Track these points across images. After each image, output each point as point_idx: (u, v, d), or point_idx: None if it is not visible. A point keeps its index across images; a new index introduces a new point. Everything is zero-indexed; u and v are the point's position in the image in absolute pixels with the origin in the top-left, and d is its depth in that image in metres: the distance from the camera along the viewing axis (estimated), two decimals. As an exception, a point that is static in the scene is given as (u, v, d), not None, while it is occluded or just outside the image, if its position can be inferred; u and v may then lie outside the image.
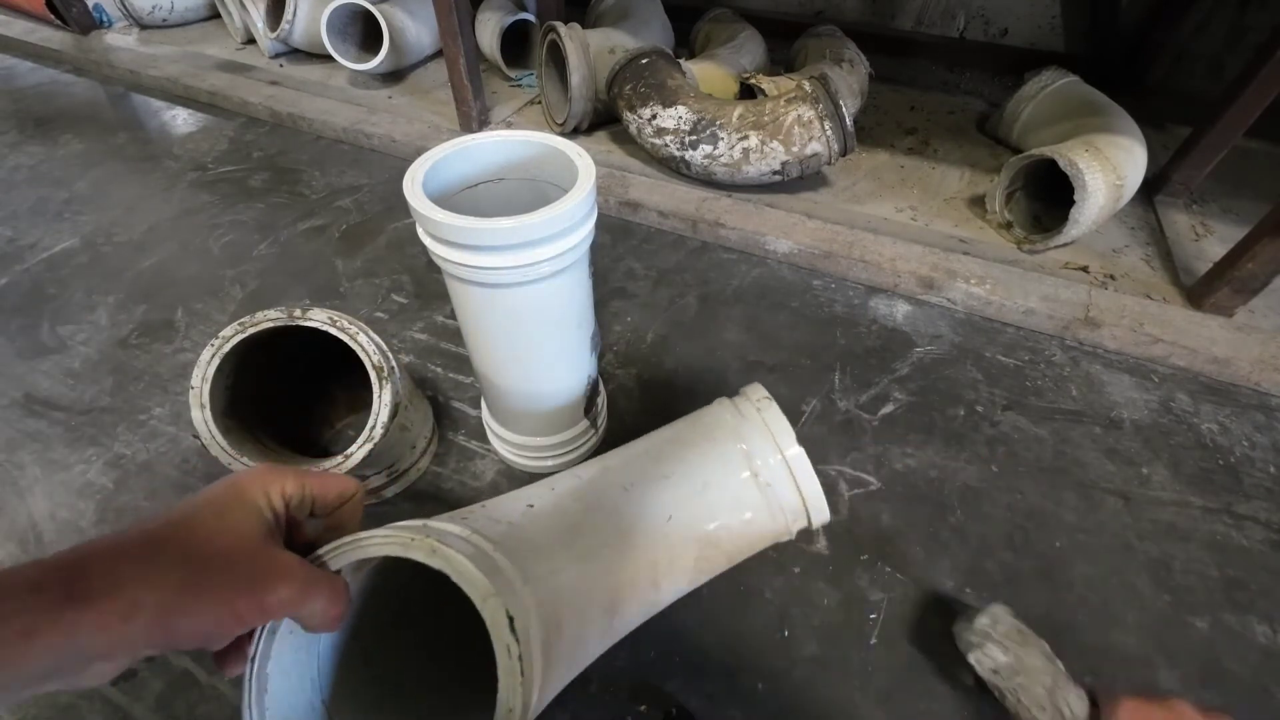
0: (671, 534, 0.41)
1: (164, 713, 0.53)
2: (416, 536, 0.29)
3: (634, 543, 0.40)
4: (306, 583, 0.27)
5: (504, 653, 0.28)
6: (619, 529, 0.40)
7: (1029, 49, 1.50)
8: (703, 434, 0.46)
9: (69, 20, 1.72)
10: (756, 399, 0.46)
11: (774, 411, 0.45)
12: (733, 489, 0.43)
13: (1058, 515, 0.69)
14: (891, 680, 0.56)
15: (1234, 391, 0.83)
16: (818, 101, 0.98)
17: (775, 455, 0.43)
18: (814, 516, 0.44)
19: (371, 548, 0.29)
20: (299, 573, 0.27)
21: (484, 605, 0.28)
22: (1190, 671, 0.57)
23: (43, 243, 1.06)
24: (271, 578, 0.26)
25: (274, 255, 1.03)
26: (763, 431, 0.44)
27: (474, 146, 0.52)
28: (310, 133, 1.37)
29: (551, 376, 0.60)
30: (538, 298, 0.50)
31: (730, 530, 0.43)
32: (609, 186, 1.12)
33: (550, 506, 0.41)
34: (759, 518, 0.43)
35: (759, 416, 0.45)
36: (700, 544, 0.42)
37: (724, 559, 0.44)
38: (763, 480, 0.43)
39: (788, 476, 0.43)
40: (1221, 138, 1.02)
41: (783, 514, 0.44)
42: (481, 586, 0.28)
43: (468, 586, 0.28)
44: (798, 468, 0.43)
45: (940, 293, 0.95)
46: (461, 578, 0.28)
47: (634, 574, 0.40)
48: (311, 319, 0.55)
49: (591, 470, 0.45)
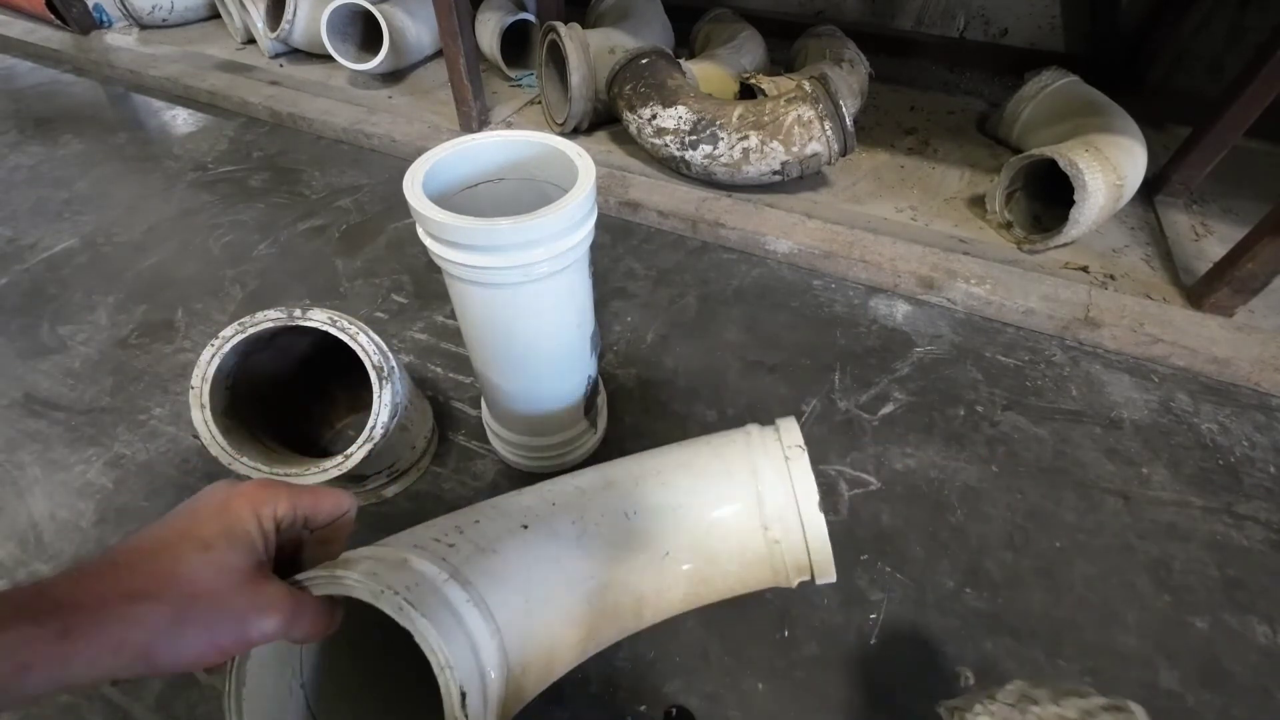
0: (666, 570, 0.40)
1: (164, 713, 0.53)
2: (386, 589, 0.30)
3: (624, 576, 0.39)
4: (292, 613, 0.27)
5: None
6: (611, 558, 0.39)
7: (1029, 49, 1.50)
8: (721, 468, 0.43)
9: (69, 20, 1.72)
10: (788, 445, 0.43)
11: (802, 466, 0.42)
12: (739, 537, 0.41)
13: (1058, 515, 0.69)
14: (891, 680, 0.56)
15: (1234, 391, 0.83)
16: (818, 101, 0.98)
17: (793, 516, 0.41)
18: (819, 579, 0.42)
19: (346, 587, 0.30)
20: (285, 605, 0.27)
21: (440, 674, 0.29)
22: (1190, 671, 0.57)
23: (43, 243, 1.06)
24: (256, 613, 0.26)
25: (274, 255, 1.03)
26: (785, 487, 0.41)
27: (474, 146, 0.52)
28: (310, 133, 1.37)
29: (551, 376, 0.60)
30: (538, 298, 0.50)
31: (726, 577, 0.42)
32: (609, 186, 1.12)
33: (544, 532, 0.40)
34: (759, 571, 0.42)
35: (785, 468, 0.42)
36: (692, 582, 0.41)
37: (714, 596, 0.43)
38: (771, 536, 0.41)
39: (800, 540, 0.41)
40: (1221, 138, 1.02)
41: (785, 570, 0.42)
42: (440, 656, 0.29)
43: (429, 654, 0.29)
44: (812, 532, 0.41)
45: (940, 293, 0.95)
46: (424, 643, 0.29)
47: (616, 604, 0.39)
48: (311, 319, 0.54)
49: (596, 484, 0.44)
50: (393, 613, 0.30)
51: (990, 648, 0.58)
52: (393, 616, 0.30)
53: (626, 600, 0.40)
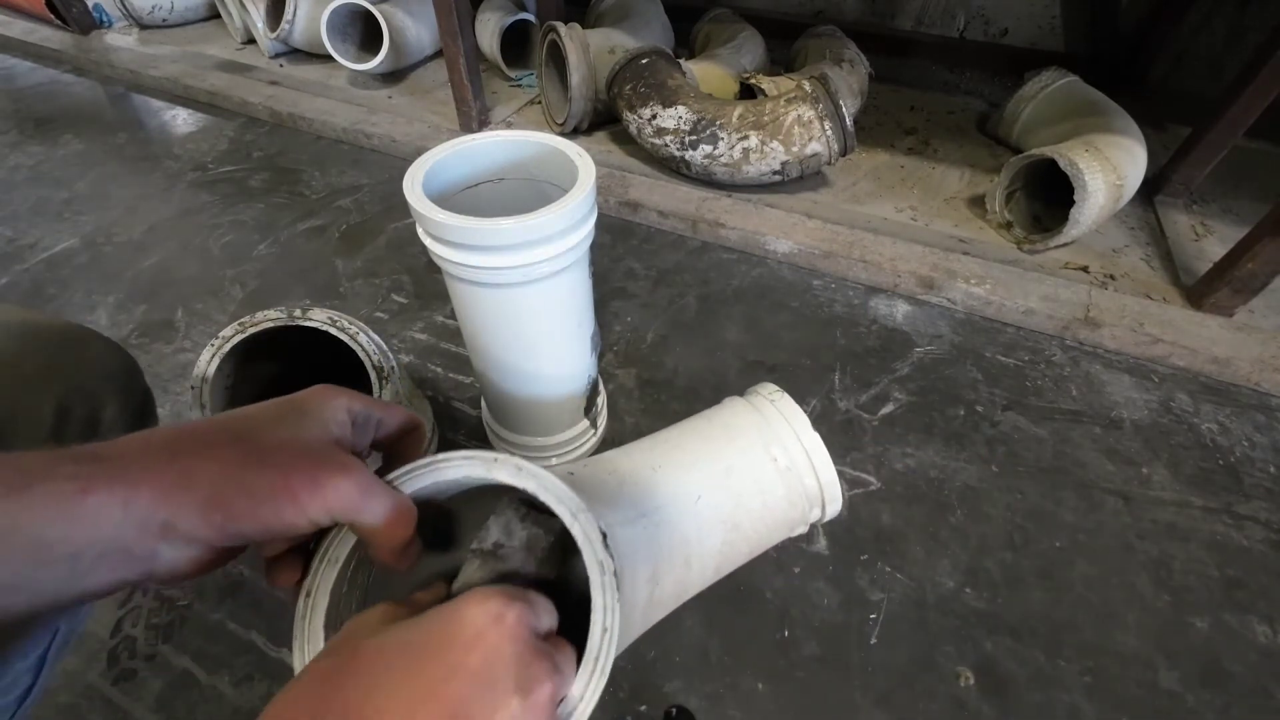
0: (702, 513, 0.42)
1: (164, 713, 0.53)
2: (500, 457, 0.28)
3: (669, 516, 0.41)
4: (370, 483, 0.25)
5: (597, 569, 0.27)
6: (654, 504, 0.41)
7: (1029, 49, 1.50)
8: (720, 425, 0.47)
9: (69, 20, 1.72)
10: (769, 393, 0.48)
11: (787, 401, 0.46)
12: (754, 473, 0.44)
13: (1058, 515, 0.69)
14: (891, 680, 0.56)
15: (1234, 391, 0.83)
16: (818, 101, 0.98)
17: (793, 441, 0.44)
18: (829, 505, 0.45)
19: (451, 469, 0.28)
20: (362, 473, 0.25)
21: (574, 521, 0.27)
22: (1190, 671, 0.57)
23: (43, 243, 1.06)
24: (333, 469, 0.24)
25: (274, 255, 1.03)
26: (779, 421, 0.45)
27: (474, 146, 0.52)
28: (310, 133, 1.37)
29: (551, 376, 0.60)
30: (538, 298, 0.51)
31: (752, 515, 0.44)
32: (609, 186, 1.12)
33: (589, 477, 0.41)
34: (779, 503, 0.44)
35: (774, 408, 0.46)
36: (726, 527, 0.43)
37: (745, 546, 0.45)
38: (782, 465, 0.44)
39: (806, 461, 0.44)
40: (1221, 138, 1.02)
41: (803, 499, 0.44)
42: (572, 502, 0.27)
43: (557, 503, 0.27)
44: (815, 453, 0.44)
45: (940, 293, 0.95)
46: (551, 494, 0.28)
47: (669, 548, 0.41)
48: (311, 319, 0.55)
49: (615, 454, 0.46)
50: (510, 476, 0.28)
51: (990, 648, 0.58)
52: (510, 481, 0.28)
53: (676, 543, 0.41)
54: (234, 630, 0.58)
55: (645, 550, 0.38)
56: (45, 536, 0.20)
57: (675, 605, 0.43)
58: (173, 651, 0.57)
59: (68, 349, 0.37)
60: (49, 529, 0.20)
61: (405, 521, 0.27)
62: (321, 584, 0.27)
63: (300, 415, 0.26)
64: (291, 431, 0.25)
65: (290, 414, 0.26)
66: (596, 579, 0.27)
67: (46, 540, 0.20)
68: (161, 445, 0.22)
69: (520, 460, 0.29)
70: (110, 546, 0.21)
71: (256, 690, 0.54)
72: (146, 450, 0.22)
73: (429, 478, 0.28)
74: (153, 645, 0.57)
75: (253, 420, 0.25)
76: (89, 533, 0.20)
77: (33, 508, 0.19)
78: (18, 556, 0.19)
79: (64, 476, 0.20)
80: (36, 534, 0.19)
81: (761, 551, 0.47)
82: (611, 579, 0.27)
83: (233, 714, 0.53)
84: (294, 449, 0.24)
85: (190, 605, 0.60)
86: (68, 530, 0.20)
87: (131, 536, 0.21)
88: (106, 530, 0.20)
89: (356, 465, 0.25)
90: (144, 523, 0.21)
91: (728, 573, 0.45)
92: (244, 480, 0.22)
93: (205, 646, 0.57)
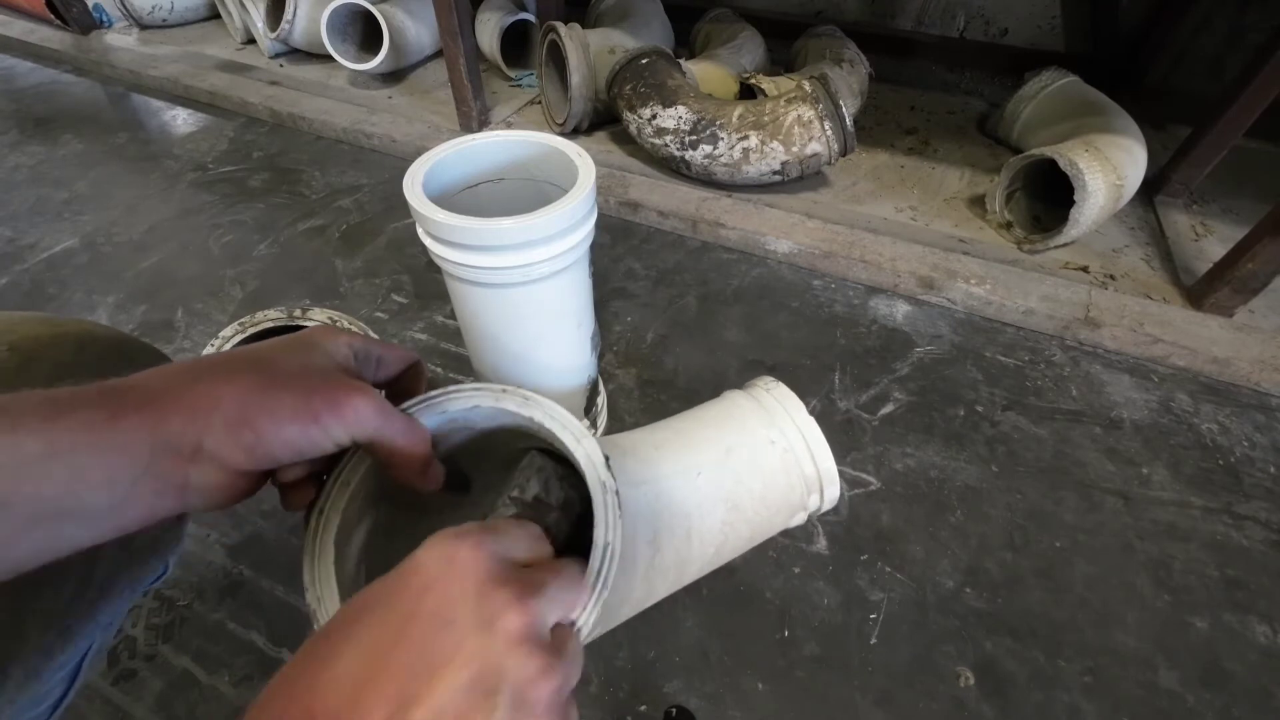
0: (702, 488, 0.43)
1: (164, 713, 0.53)
2: (509, 389, 0.29)
3: (670, 488, 0.41)
4: (385, 405, 0.26)
5: (599, 488, 0.27)
6: (656, 475, 0.41)
7: (1029, 49, 1.50)
8: (719, 412, 0.48)
9: (69, 20, 1.72)
10: (765, 385, 0.49)
11: (783, 390, 0.48)
12: (753, 453, 0.45)
13: (1058, 515, 0.69)
14: (891, 680, 0.56)
15: (1234, 391, 0.83)
16: (818, 101, 0.98)
17: (790, 425, 0.45)
18: (827, 489, 0.45)
19: (461, 399, 0.28)
20: (377, 395, 0.26)
21: (578, 446, 0.28)
22: (1190, 671, 0.57)
23: (43, 243, 1.06)
24: (349, 390, 0.25)
25: (274, 255, 1.03)
26: (776, 407, 0.46)
27: (474, 146, 0.52)
28: (310, 133, 1.37)
29: (551, 377, 0.60)
30: (538, 298, 0.51)
31: (752, 495, 0.44)
32: (609, 186, 1.12)
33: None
34: (778, 483, 0.45)
35: (770, 396, 0.47)
36: (726, 505, 0.44)
37: (746, 529, 0.45)
38: (780, 447, 0.45)
39: (803, 444, 0.45)
40: (1221, 138, 1.02)
41: (801, 482, 0.45)
42: (575, 428, 0.28)
43: (561, 430, 0.28)
44: (811, 436, 0.45)
45: (940, 293, 0.95)
46: (556, 421, 0.28)
47: (670, 516, 0.41)
48: (311, 319, 0.55)
49: (616, 436, 0.47)
50: (518, 406, 0.28)
51: (990, 648, 0.58)
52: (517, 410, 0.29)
53: (678, 516, 0.41)
54: (234, 630, 0.58)
55: (647, 513, 0.39)
56: (81, 461, 0.20)
57: (676, 585, 0.43)
58: (173, 651, 0.57)
59: (120, 361, 0.38)
60: (84, 455, 0.20)
61: (422, 440, 0.28)
62: (334, 503, 0.29)
63: (309, 348, 0.27)
64: (303, 361, 0.26)
65: (300, 347, 0.27)
66: (599, 497, 0.27)
67: (82, 465, 0.20)
68: (183, 372, 0.23)
69: (527, 391, 0.29)
70: (143, 471, 0.21)
71: (256, 690, 0.54)
72: (169, 378, 0.23)
73: (439, 408, 0.29)
74: (153, 645, 0.57)
75: (267, 351, 0.26)
76: (122, 458, 0.21)
77: (68, 434, 0.20)
78: (58, 482, 0.20)
79: (93, 405, 0.21)
80: (73, 460, 0.20)
81: (762, 539, 0.47)
82: (614, 497, 0.27)
83: (233, 714, 0.53)
84: (310, 374, 0.25)
85: (190, 605, 0.60)
86: (103, 456, 0.20)
87: (163, 461, 0.22)
88: (139, 454, 0.21)
89: (370, 388, 0.26)
90: (174, 445, 0.22)
91: (729, 559, 0.46)
92: (266, 402, 0.23)
93: (205, 646, 0.57)
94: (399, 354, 0.32)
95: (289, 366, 0.25)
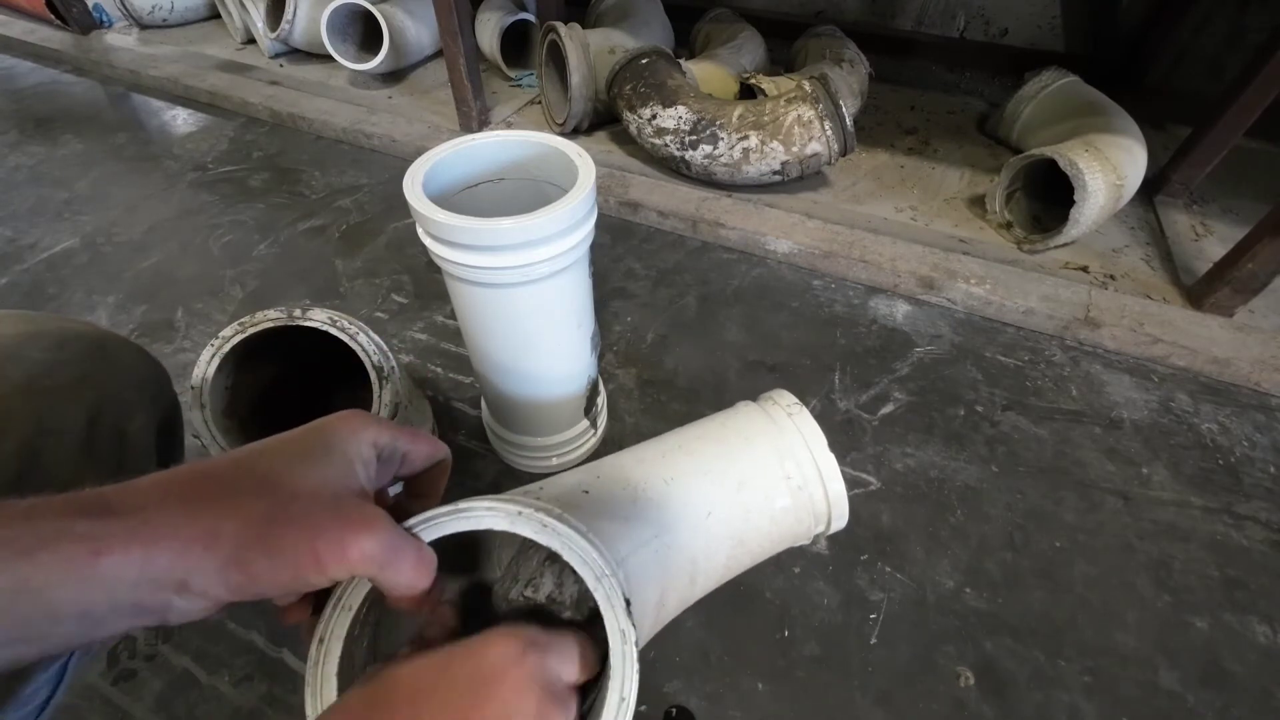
0: (711, 529, 0.42)
1: (164, 713, 0.53)
2: (524, 509, 0.27)
3: (679, 536, 0.41)
4: (394, 540, 0.24)
5: (619, 637, 0.27)
6: (663, 522, 0.41)
7: (1029, 49, 1.50)
8: (735, 433, 0.46)
9: (69, 20, 1.72)
10: (786, 404, 0.47)
11: (805, 416, 0.46)
12: (766, 489, 0.43)
13: (1058, 515, 0.69)
14: (891, 680, 0.56)
15: (1234, 391, 0.83)
16: (818, 101, 0.98)
17: (808, 459, 0.44)
18: (835, 521, 0.45)
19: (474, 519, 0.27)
20: (387, 528, 0.24)
21: (598, 586, 0.27)
22: (1190, 671, 0.57)
23: (43, 243, 1.06)
24: (358, 525, 0.23)
25: (274, 255, 1.03)
26: (795, 435, 0.45)
27: (474, 146, 0.52)
28: (310, 133, 1.37)
29: (551, 377, 0.60)
30: (538, 298, 0.51)
31: (759, 531, 0.43)
32: (609, 186, 1.12)
33: (605, 494, 0.41)
34: (786, 520, 0.44)
35: (790, 422, 0.45)
36: (732, 543, 0.43)
37: (749, 559, 0.45)
38: (794, 483, 0.43)
39: (818, 480, 0.43)
40: (1221, 138, 1.02)
41: (810, 517, 0.44)
42: (596, 566, 0.27)
43: (581, 564, 0.27)
44: (828, 472, 0.43)
45: (940, 293, 0.95)
46: (575, 554, 0.27)
47: (677, 567, 0.40)
48: (311, 319, 0.54)
49: (628, 461, 0.45)
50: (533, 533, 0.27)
51: (990, 648, 0.58)
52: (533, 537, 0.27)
53: (684, 563, 0.41)
54: (234, 630, 0.58)
55: (655, 574, 0.38)
56: (55, 597, 0.19)
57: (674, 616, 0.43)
58: (173, 651, 0.57)
59: (101, 359, 0.37)
60: (59, 590, 0.19)
61: (427, 574, 0.26)
62: (335, 630, 0.27)
63: (326, 453, 0.25)
64: (318, 476, 0.24)
65: (317, 449, 0.25)
66: (617, 647, 0.27)
67: (55, 600, 0.19)
68: (181, 495, 0.22)
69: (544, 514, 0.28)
70: (123, 602, 0.20)
71: (256, 690, 0.54)
72: (165, 501, 0.21)
73: (450, 526, 0.28)
74: (153, 645, 0.57)
75: (278, 459, 0.24)
76: (101, 593, 0.20)
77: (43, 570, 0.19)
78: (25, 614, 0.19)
79: (76, 537, 0.20)
80: (46, 595, 0.19)
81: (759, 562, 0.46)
82: (633, 648, 0.27)
83: (233, 714, 0.53)
84: (320, 502, 0.23)
85: (190, 605, 0.60)
86: (79, 591, 0.19)
87: (145, 593, 0.20)
88: (120, 590, 0.20)
89: (381, 522, 0.24)
90: (160, 580, 0.21)
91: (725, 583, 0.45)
92: (268, 540, 0.22)
93: (205, 646, 0.57)
94: (425, 450, 0.30)
95: (301, 487, 0.23)
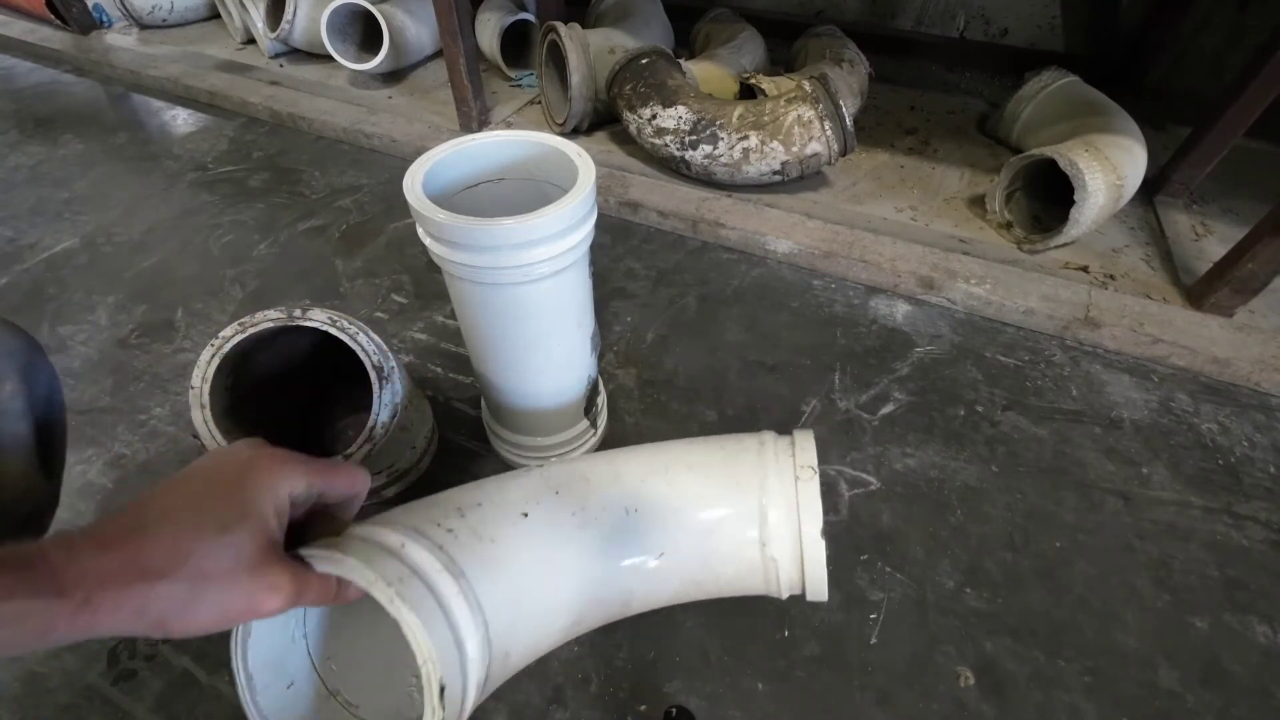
0: (660, 569, 0.41)
1: (164, 713, 0.53)
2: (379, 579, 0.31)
3: (618, 572, 0.40)
4: (298, 592, 0.29)
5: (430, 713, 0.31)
6: (606, 554, 0.40)
7: (1029, 49, 1.50)
8: (727, 472, 0.43)
9: (69, 20, 1.72)
10: (801, 464, 0.43)
11: (811, 490, 0.42)
12: (736, 548, 0.41)
13: (1058, 515, 0.69)
14: (891, 680, 0.56)
15: (1234, 391, 0.83)
16: (818, 101, 0.98)
17: (793, 540, 0.41)
18: (810, 598, 0.42)
19: (346, 569, 0.32)
20: (291, 585, 0.29)
21: (423, 666, 0.31)
22: (1190, 671, 0.57)
23: (43, 243, 1.06)
24: (265, 592, 0.28)
25: (274, 255, 1.03)
26: (791, 509, 0.41)
27: (474, 146, 0.52)
28: (310, 133, 1.37)
29: (551, 377, 0.60)
30: (538, 298, 0.51)
31: (718, 580, 0.42)
32: (609, 186, 1.12)
33: (544, 520, 0.40)
34: (751, 580, 0.42)
35: (794, 490, 0.42)
36: (683, 582, 0.42)
37: (702, 595, 0.43)
38: (769, 553, 0.41)
39: (796, 559, 0.41)
40: (1221, 138, 1.02)
41: (777, 584, 0.42)
42: (424, 650, 0.31)
43: (414, 647, 0.31)
44: (810, 558, 0.40)
45: (940, 293, 0.95)
46: (410, 636, 0.31)
47: (608, 597, 0.40)
48: (311, 319, 0.54)
49: (603, 475, 0.44)
50: (385, 603, 0.31)
51: (990, 648, 0.58)
52: (385, 607, 0.31)
53: (615, 595, 0.40)
54: (234, 630, 0.58)
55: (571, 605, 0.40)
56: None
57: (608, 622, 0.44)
58: (173, 651, 0.57)
59: None
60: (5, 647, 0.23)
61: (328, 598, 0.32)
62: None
63: (241, 518, 0.28)
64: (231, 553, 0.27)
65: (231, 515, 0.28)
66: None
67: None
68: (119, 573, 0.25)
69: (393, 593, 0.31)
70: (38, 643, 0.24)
71: (256, 690, 0.54)
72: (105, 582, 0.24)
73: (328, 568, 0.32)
74: (153, 645, 0.57)
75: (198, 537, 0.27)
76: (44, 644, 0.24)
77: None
78: None
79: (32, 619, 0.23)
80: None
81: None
82: None
83: (233, 714, 0.53)
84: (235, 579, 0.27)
85: (190, 605, 0.60)
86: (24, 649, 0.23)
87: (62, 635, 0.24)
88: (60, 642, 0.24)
89: (285, 583, 0.29)
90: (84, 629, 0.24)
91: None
92: (187, 617, 0.26)
93: (205, 646, 0.57)
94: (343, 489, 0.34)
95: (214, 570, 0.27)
